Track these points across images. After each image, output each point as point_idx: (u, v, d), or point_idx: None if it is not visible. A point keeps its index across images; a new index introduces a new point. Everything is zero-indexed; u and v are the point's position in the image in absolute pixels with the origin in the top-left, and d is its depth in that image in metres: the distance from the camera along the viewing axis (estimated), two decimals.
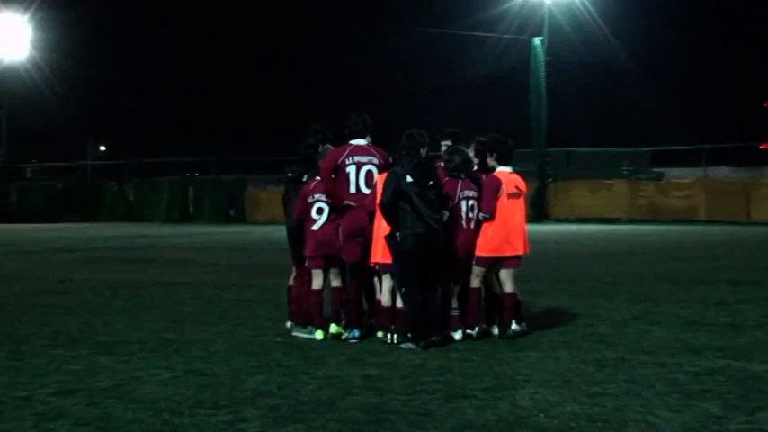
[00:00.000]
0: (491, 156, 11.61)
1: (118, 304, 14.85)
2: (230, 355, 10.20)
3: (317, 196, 11.45)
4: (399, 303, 10.94)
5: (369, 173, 11.34)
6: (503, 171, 11.55)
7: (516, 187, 11.49)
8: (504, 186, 11.34)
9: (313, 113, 65.90)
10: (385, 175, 11.05)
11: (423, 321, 10.64)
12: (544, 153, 52.54)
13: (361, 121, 11.68)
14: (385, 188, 10.83)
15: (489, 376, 8.98)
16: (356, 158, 11.39)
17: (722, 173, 50.62)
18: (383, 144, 11.73)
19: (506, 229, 11.32)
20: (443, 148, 11.65)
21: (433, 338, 10.60)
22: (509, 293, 11.35)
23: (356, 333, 11.16)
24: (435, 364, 9.59)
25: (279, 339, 11.19)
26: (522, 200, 11.57)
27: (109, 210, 62.12)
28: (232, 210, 58.45)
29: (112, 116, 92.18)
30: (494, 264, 11.37)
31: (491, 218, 11.29)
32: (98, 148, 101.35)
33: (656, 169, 52.62)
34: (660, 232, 37.58)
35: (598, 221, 47.86)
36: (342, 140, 11.75)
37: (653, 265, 21.29)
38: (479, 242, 11.31)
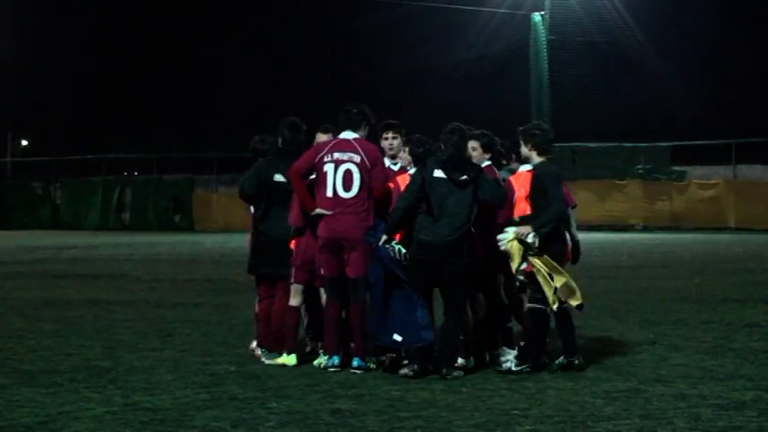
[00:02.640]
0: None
1: (43, 327, 14.82)
2: (176, 386, 10.22)
3: None
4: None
5: (347, 173, 11.12)
6: (521, 172, 11.52)
7: None
8: (516, 193, 11.29)
9: (272, 102, 65.71)
10: (406, 176, 11.15)
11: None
12: None
13: (354, 109, 11.43)
14: (408, 185, 10.90)
15: (480, 411, 9.04)
16: (336, 155, 11.20)
17: (755, 173, 50.64)
18: None
19: None
20: (384, 142, 11.73)
21: (444, 371, 10.62)
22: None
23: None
24: (416, 397, 9.64)
25: (233, 368, 11.21)
26: None
27: (32, 215, 61.82)
28: (178, 216, 58.33)
29: (37, 105, 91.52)
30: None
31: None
32: (19, 143, 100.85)
33: (677, 168, 52.68)
34: (681, 242, 37.73)
35: (608, 229, 47.96)
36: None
37: (672, 281, 21.38)
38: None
